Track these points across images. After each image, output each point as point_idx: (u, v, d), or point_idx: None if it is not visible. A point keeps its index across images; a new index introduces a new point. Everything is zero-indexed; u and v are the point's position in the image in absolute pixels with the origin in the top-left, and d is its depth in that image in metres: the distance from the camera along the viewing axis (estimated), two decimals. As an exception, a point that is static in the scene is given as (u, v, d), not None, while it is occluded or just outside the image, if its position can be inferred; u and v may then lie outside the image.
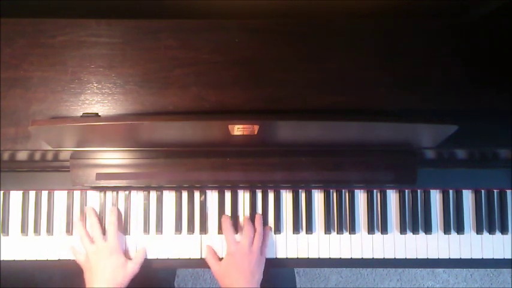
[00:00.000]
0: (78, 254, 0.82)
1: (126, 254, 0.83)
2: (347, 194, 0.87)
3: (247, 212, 0.86)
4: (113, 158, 0.79)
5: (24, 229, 0.84)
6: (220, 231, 0.85)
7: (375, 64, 0.76)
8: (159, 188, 0.86)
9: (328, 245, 0.86)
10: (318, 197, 0.87)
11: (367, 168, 0.79)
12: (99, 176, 0.78)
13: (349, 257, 0.86)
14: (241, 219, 0.86)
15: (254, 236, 0.81)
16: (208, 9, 0.89)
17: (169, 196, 0.86)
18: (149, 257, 0.85)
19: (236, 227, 0.85)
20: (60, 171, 0.85)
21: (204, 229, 0.85)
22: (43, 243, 0.84)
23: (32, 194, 0.85)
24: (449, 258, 0.86)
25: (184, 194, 0.86)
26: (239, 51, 0.76)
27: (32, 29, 0.75)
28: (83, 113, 0.73)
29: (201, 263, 0.85)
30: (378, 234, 0.86)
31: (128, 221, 0.85)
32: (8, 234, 0.85)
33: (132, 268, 0.80)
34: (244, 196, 0.87)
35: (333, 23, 0.77)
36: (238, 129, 0.65)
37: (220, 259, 0.82)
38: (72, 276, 0.81)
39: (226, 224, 0.82)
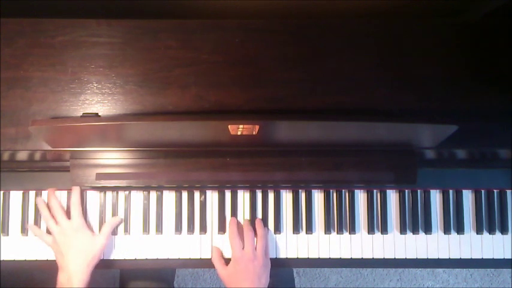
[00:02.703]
0: (44, 236, 0.82)
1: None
2: (347, 194, 0.87)
3: (247, 212, 0.86)
4: (113, 158, 0.79)
5: (24, 229, 0.84)
6: (220, 231, 0.85)
7: (375, 64, 0.76)
8: (159, 188, 0.86)
9: (328, 245, 0.86)
10: (318, 197, 0.87)
11: (367, 168, 0.79)
12: (99, 176, 0.78)
13: (349, 257, 0.86)
14: (241, 219, 0.86)
15: (256, 240, 0.81)
16: (208, 9, 0.89)
17: (169, 196, 0.86)
18: (149, 257, 0.85)
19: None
20: (60, 171, 0.85)
21: (204, 229, 0.85)
22: (43, 243, 0.84)
23: (32, 194, 0.85)
24: (449, 258, 0.86)
25: (184, 194, 0.86)
26: (239, 51, 0.76)
27: (32, 29, 0.75)
28: (83, 113, 0.73)
29: (201, 263, 0.85)
30: (377, 234, 0.86)
31: (128, 221, 0.85)
32: (8, 234, 0.85)
33: (100, 241, 0.80)
34: (244, 196, 0.87)
35: (332, 23, 0.77)
36: (238, 129, 0.65)
37: (226, 260, 0.82)
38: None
39: (233, 228, 0.82)
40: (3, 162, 0.83)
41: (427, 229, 0.86)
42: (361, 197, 0.87)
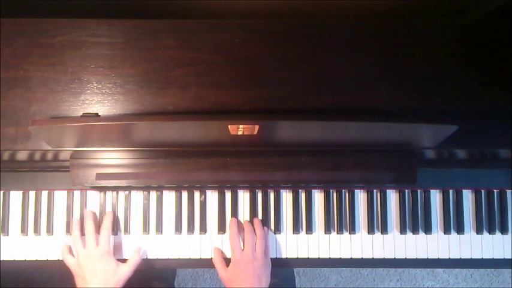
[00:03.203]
0: (69, 257, 0.81)
1: (121, 256, 0.83)
2: (347, 194, 0.87)
3: (247, 212, 0.86)
4: (113, 158, 0.79)
5: (24, 229, 0.84)
6: (220, 231, 0.85)
7: (375, 64, 0.76)
8: (159, 188, 0.86)
9: (328, 245, 0.86)
10: (318, 197, 0.87)
11: (367, 168, 0.79)
12: (99, 176, 0.78)
13: (349, 257, 0.86)
14: (241, 219, 0.86)
15: (256, 241, 0.81)
16: (208, 9, 0.89)
17: (169, 196, 0.86)
18: (149, 257, 0.85)
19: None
20: (60, 171, 0.85)
21: (203, 229, 0.85)
22: (43, 243, 0.84)
23: (32, 194, 0.85)
24: (449, 258, 0.86)
25: (184, 194, 0.86)
26: (239, 51, 0.76)
27: (32, 29, 0.75)
28: (83, 113, 0.73)
29: (201, 263, 0.85)
30: (377, 234, 0.86)
31: (128, 221, 0.85)
32: (8, 234, 0.85)
33: (124, 272, 0.79)
34: (244, 196, 0.87)
35: (332, 23, 0.77)
36: (238, 129, 0.65)
37: (227, 261, 0.82)
38: (72, 277, 0.81)
39: (233, 229, 0.82)
40: (3, 162, 0.83)
41: (427, 229, 0.86)
42: (361, 197, 0.87)
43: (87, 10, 0.86)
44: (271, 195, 0.86)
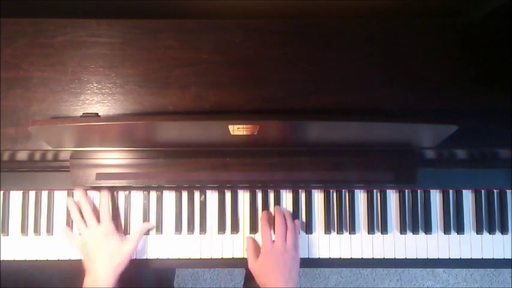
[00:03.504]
0: (74, 238, 0.82)
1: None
2: (347, 194, 0.87)
3: (247, 212, 0.86)
4: (112, 158, 0.79)
5: (24, 229, 0.84)
6: (220, 231, 0.85)
7: (375, 64, 0.76)
8: (159, 188, 0.86)
9: (328, 245, 0.86)
10: (318, 197, 0.87)
11: (367, 168, 0.79)
12: (99, 176, 0.78)
13: (349, 257, 0.86)
14: (241, 219, 0.86)
15: (287, 233, 0.81)
16: (208, 9, 0.89)
17: (169, 196, 0.86)
18: (149, 257, 0.85)
19: (237, 226, 0.85)
20: (60, 171, 0.85)
21: (203, 229, 0.85)
22: (43, 243, 0.84)
23: (32, 194, 0.85)
24: (449, 258, 0.86)
25: (184, 194, 0.86)
26: (239, 51, 0.76)
27: (32, 29, 0.75)
28: (83, 113, 0.73)
29: (201, 263, 0.85)
30: (377, 234, 0.86)
31: (128, 220, 0.85)
32: (8, 234, 0.85)
33: (129, 247, 0.79)
34: (244, 196, 0.87)
35: (333, 23, 0.77)
36: (238, 129, 0.65)
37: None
38: (72, 276, 0.81)
39: (265, 220, 0.82)
40: (3, 162, 0.83)
41: (427, 229, 0.86)
42: (361, 197, 0.87)
43: (87, 10, 0.86)
44: (271, 195, 0.86)
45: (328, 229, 0.86)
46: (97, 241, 0.78)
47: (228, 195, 0.87)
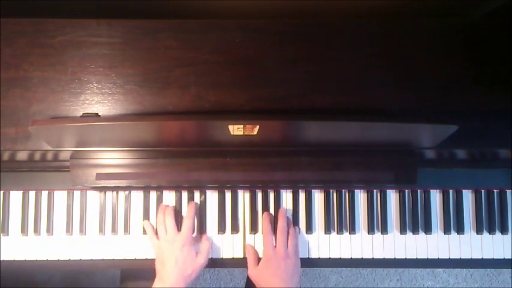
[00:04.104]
0: (154, 238, 0.81)
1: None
2: (347, 194, 0.87)
3: (248, 212, 0.86)
4: (113, 158, 0.79)
5: (24, 229, 0.84)
6: (220, 231, 0.85)
7: (375, 64, 0.76)
8: (159, 188, 0.86)
9: (328, 245, 0.86)
10: (318, 197, 0.87)
11: (367, 168, 0.79)
12: (99, 176, 0.78)
13: (349, 257, 0.86)
14: (241, 219, 0.86)
15: (288, 239, 0.81)
16: (208, 9, 0.89)
17: (169, 196, 0.86)
18: (149, 257, 0.85)
19: (237, 227, 0.85)
20: (60, 171, 0.85)
21: (203, 229, 0.85)
22: (43, 243, 0.84)
23: (32, 194, 0.85)
24: (449, 258, 0.86)
25: (184, 194, 0.86)
26: (239, 51, 0.76)
27: (32, 29, 0.75)
28: (83, 113, 0.73)
29: (201, 263, 0.85)
30: (377, 234, 0.86)
31: (128, 221, 0.85)
32: (8, 234, 0.85)
33: (201, 262, 0.79)
34: (244, 196, 0.87)
35: (333, 23, 0.77)
36: (238, 129, 0.65)
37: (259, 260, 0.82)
38: (72, 276, 0.81)
39: (267, 225, 0.82)
40: (3, 162, 0.83)
41: (427, 229, 0.86)
42: (361, 197, 0.87)
43: (87, 10, 0.86)
44: (271, 195, 0.86)
45: (328, 229, 0.86)
46: (173, 250, 0.77)
47: (228, 195, 0.87)
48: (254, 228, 0.85)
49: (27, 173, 0.85)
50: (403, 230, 0.86)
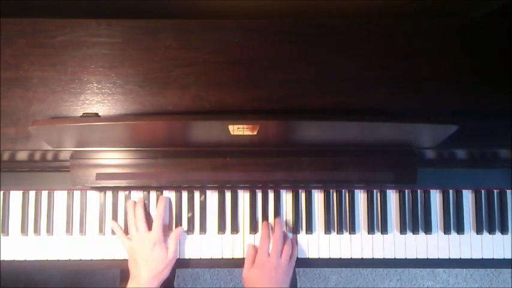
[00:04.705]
0: (124, 239, 0.82)
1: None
2: (347, 194, 0.87)
3: (247, 212, 0.86)
4: (113, 158, 0.79)
5: (24, 229, 0.84)
6: (220, 231, 0.85)
7: (375, 64, 0.76)
8: (159, 188, 0.86)
9: (328, 245, 0.86)
10: (318, 197, 0.87)
11: (367, 168, 0.79)
12: (99, 176, 0.78)
13: (349, 257, 0.86)
14: (241, 219, 0.86)
15: (283, 248, 0.81)
16: (208, 9, 0.89)
17: (169, 196, 0.86)
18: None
19: (237, 227, 0.85)
20: (60, 171, 0.85)
21: (203, 229, 0.85)
22: (43, 243, 0.84)
23: (32, 194, 0.85)
24: (449, 258, 0.86)
25: (184, 194, 0.86)
26: (239, 51, 0.76)
27: (32, 29, 0.75)
28: (83, 113, 0.73)
29: (201, 263, 0.85)
30: (377, 234, 0.86)
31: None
32: (8, 234, 0.85)
33: (170, 257, 0.80)
34: (244, 196, 0.87)
35: (333, 23, 0.77)
36: (238, 129, 0.65)
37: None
38: (72, 276, 0.81)
39: (266, 232, 0.82)
40: (3, 162, 0.83)
41: (427, 229, 0.86)
42: (361, 197, 0.87)
43: (87, 10, 0.86)
44: (271, 196, 0.86)
45: (328, 229, 0.86)
46: (145, 248, 0.79)
47: (228, 195, 0.87)
48: (254, 229, 0.85)
49: (27, 173, 0.85)
50: (403, 230, 0.86)
